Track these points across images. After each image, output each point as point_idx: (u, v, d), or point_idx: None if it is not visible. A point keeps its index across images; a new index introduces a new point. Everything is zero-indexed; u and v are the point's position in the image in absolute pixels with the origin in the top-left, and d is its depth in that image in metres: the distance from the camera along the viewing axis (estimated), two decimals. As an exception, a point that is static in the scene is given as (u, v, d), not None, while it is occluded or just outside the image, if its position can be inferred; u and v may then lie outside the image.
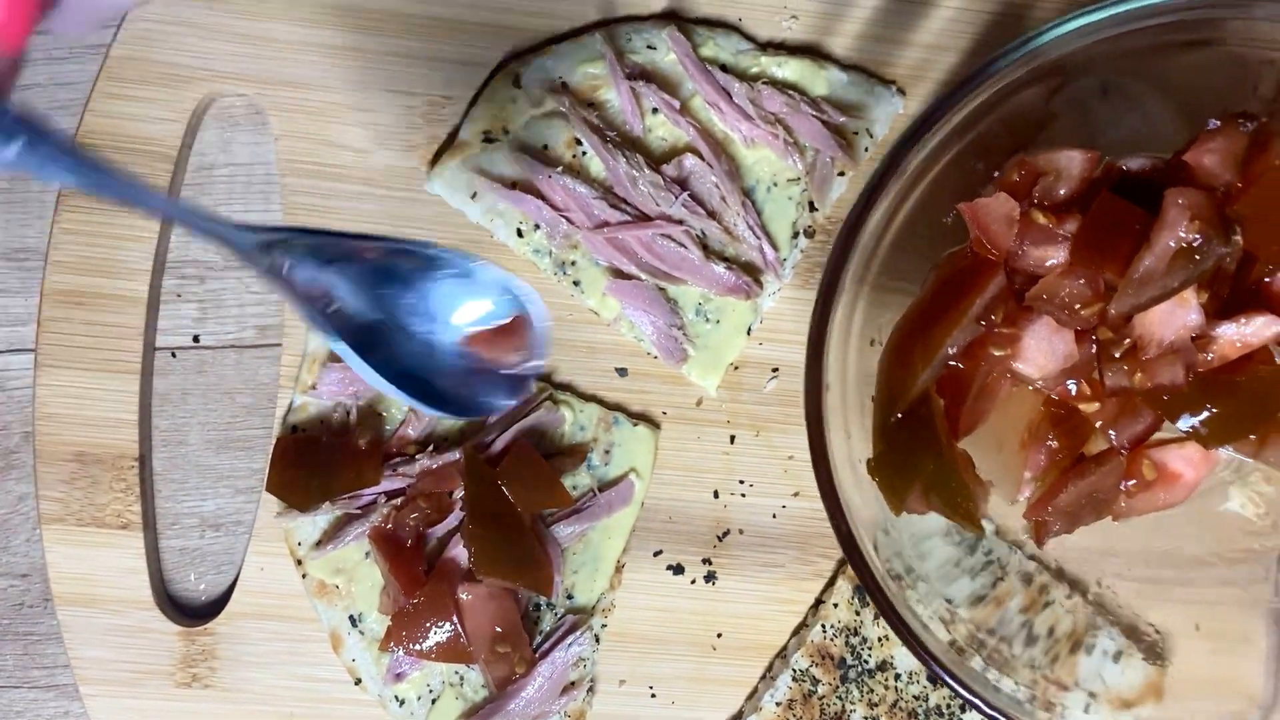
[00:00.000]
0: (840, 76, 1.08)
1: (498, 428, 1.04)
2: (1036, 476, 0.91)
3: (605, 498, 1.05)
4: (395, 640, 0.99)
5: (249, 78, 1.07)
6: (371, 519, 1.02)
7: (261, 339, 1.10)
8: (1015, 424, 0.91)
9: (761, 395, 1.09)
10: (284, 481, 1.02)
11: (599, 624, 1.06)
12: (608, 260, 1.06)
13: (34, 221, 1.10)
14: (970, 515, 0.87)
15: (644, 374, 1.09)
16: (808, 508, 1.09)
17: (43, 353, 1.06)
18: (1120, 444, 0.90)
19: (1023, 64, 0.83)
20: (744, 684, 1.09)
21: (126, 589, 1.06)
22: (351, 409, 1.04)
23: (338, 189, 1.07)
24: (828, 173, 1.07)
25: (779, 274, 1.07)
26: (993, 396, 0.88)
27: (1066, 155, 0.87)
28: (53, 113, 1.10)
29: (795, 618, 1.09)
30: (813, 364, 0.83)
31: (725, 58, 1.07)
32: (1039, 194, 0.87)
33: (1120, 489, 0.92)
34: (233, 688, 1.07)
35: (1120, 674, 1.05)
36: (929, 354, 0.86)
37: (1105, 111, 0.94)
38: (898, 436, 0.88)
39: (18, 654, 1.11)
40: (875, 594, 0.86)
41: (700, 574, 1.09)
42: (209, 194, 1.09)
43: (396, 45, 1.07)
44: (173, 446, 1.10)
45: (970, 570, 0.99)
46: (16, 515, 1.11)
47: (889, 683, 1.06)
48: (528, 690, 1.02)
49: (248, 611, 1.07)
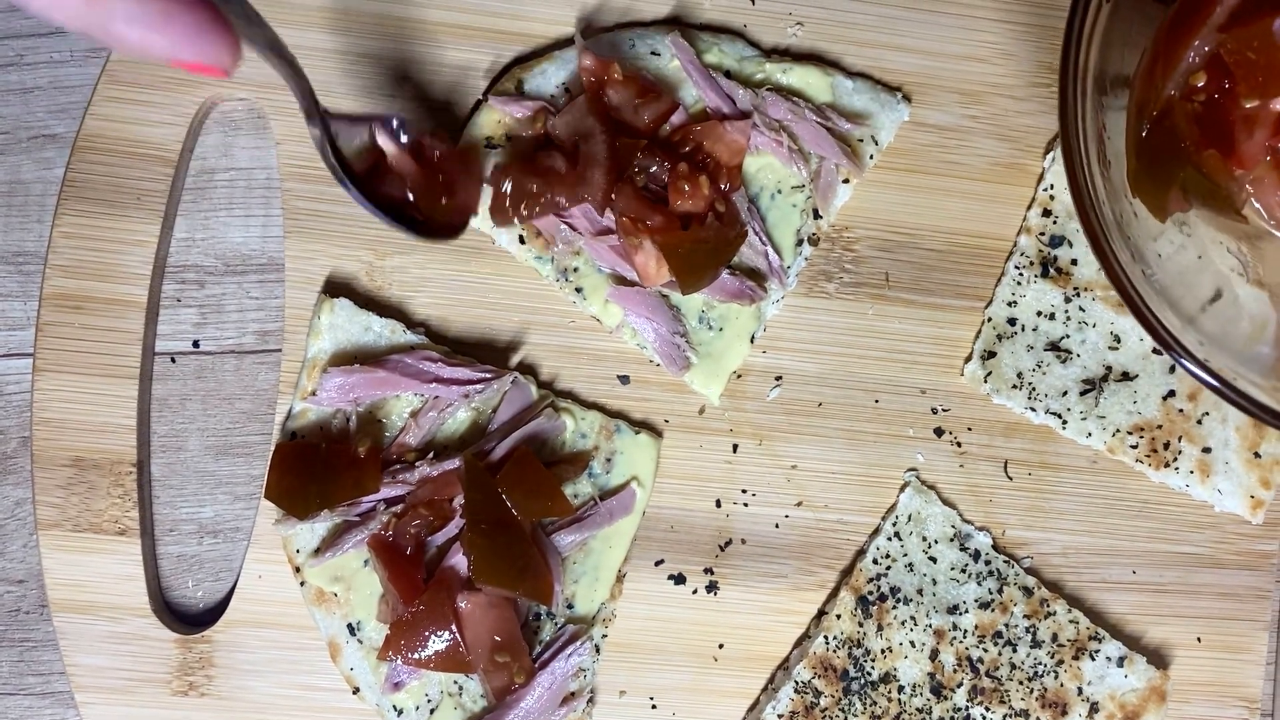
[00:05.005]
0: (845, 83, 1.07)
1: (498, 435, 1.03)
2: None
3: (606, 506, 1.05)
4: (394, 649, 0.99)
5: (251, 82, 1.06)
6: (371, 526, 1.01)
7: (261, 345, 1.09)
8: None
9: (764, 404, 1.09)
10: (283, 488, 1.01)
11: (599, 634, 1.06)
12: (610, 266, 1.05)
13: (33, 225, 1.10)
14: (1229, 201, 0.93)
15: (646, 382, 1.08)
16: (811, 517, 1.09)
17: (41, 357, 1.05)
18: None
19: None
20: (745, 696, 1.08)
21: (123, 596, 1.05)
22: (351, 416, 1.04)
23: (339, 194, 1.06)
24: (832, 180, 1.07)
25: (783, 281, 1.06)
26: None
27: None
28: (53, 116, 1.09)
29: (797, 629, 1.08)
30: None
31: (729, 64, 1.06)
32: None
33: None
34: (230, 696, 1.06)
35: (1124, 678, 1.05)
36: (1172, 64, 0.91)
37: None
38: (1150, 149, 0.92)
39: (13, 661, 1.10)
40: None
41: (702, 584, 1.08)
42: (209, 198, 1.09)
43: (399, 50, 1.07)
44: (171, 452, 1.09)
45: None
46: (13, 520, 1.10)
47: (892, 695, 1.05)
48: (527, 700, 1.01)
49: (245, 619, 1.06)
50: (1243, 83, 0.90)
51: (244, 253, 1.09)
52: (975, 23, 1.09)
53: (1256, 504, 1.08)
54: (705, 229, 1.00)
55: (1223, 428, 1.07)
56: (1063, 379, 1.08)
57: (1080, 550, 1.10)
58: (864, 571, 1.06)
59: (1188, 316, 0.91)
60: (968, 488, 1.10)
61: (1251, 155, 0.93)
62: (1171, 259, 0.95)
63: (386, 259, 1.07)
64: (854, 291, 1.09)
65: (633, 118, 1.02)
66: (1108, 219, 0.87)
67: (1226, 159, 0.93)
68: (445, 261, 1.08)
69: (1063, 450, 1.10)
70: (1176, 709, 1.09)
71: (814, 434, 1.09)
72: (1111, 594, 1.10)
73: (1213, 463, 1.07)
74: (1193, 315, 0.91)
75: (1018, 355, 1.08)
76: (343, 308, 1.05)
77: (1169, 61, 0.93)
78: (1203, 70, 0.92)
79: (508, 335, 1.08)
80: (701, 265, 1.01)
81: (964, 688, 1.05)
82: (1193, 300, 0.93)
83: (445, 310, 1.08)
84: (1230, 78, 0.91)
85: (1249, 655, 1.10)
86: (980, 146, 1.10)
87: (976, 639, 1.05)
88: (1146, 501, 1.10)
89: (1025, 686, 1.05)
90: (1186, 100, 0.93)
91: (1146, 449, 1.07)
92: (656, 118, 1.03)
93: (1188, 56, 0.92)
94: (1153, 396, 1.08)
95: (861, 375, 1.09)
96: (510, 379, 1.05)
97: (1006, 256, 1.10)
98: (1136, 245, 0.91)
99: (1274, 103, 0.91)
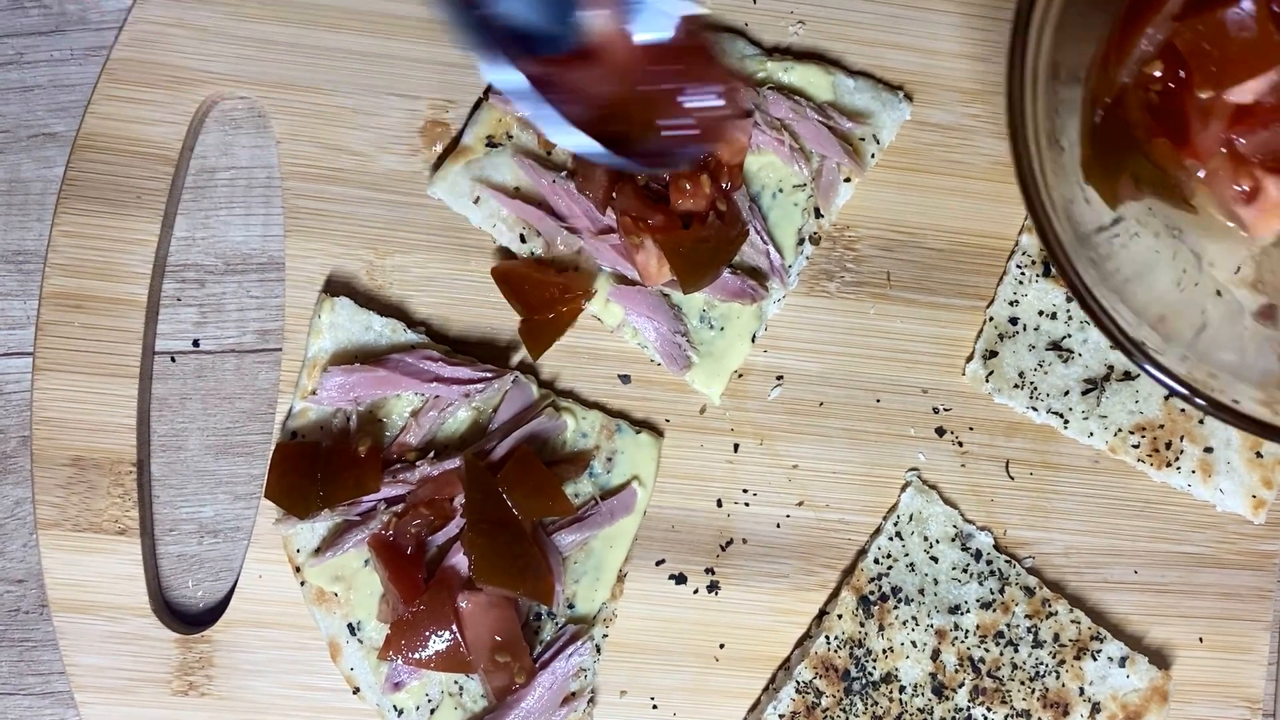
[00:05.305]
0: (847, 82, 1.07)
1: (499, 434, 1.03)
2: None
3: (607, 506, 1.04)
4: (394, 649, 0.98)
5: (251, 80, 1.06)
6: (371, 526, 1.01)
7: (262, 344, 1.09)
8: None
9: (765, 403, 1.09)
10: (283, 488, 1.01)
11: (600, 634, 1.05)
12: (611, 266, 1.05)
13: (33, 224, 1.09)
14: (1179, 191, 0.93)
15: (647, 381, 1.08)
16: (812, 517, 1.08)
17: (41, 356, 1.05)
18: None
19: None
20: (746, 696, 1.08)
21: (123, 595, 1.05)
22: (352, 415, 1.04)
23: (340, 193, 1.07)
24: (834, 179, 1.06)
25: (785, 280, 1.06)
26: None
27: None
28: (53, 114, 1.09)
29: (799, 629, 1.08)
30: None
31: (731, 63, 1.06)
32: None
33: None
34: (230, 696, 1.06)
35: (1126, 678, 1.05)
36: (1126, 52, 0.90)
37: None
38: (1103, 137, 0.92)
39: (13, 661, 1.10)
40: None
41: (703, 584, 1.08)
42: (210, 197, 1.09)
43: (400, 49, 1.07)
44: (171, 452, 1.09)
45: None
46: (13, 520, 1.10)
47: (893, 695, 1.05)
48: (527, 701, 1.01)
49: (246, 619, 1.06)
50: (1197, 73, 0.89)
51: (244, 251, 1.09)
52: (977, 21, 1.09)
53: (1258, 504, 1.08)
54: (706, 228, 1.00)
55: (1224, 428, 1.07)
56: (1064, 378, 1.08)
57: (1082, 550, 1.10)
58: (865, 571, 1.06)
59: (1138, 309, 0.89)
60: (969, 487, 1.09)
61: (1206, 147, 0.92)
62: (1126, 249, 0.94)
63: (387, 258, 1.07)
64: (855, 291, 1.09)
65: None
66: (1056, 203, 0.86)
67: (1179, 149, 0.92)
68: (446, 260, 1.07)
69: (1064, 450, 1.10)
70: (1178, 709, 1.08)
71: (815, 433, 1.09)
72: (1113, 594, 1.10)
73: (1214, 462, 1.07)
74: (1141, 306, 0.90)
75: (1019, 355, 1.08)
76: (343, 307, 1.05)
77: (1123, 49, 0.92)
78: (1158, 59, 0.91)
79: (508, 335, 1.08)
80: (703, 264, 1.00)
81: (965, 688, 1.05)
82: (1145, 294, 0.92)
83: (446, 309, 1.08)
84: (1185, 68, 0.90)
85: (1251, 655, 1.10)
86: (982, 145, 1.09)
87: (978, 639, 1.05)
88: (1148, 501, 1.10)
89: (1027, 687, 1.05)
90: (1141, 89, 0.92)
91: (1148, 449, 1.07)
92: None
93: (1142, 45, 0.91)
94: (1154, 396, 1.07)
95: (863, 375, 1.09)
96: (511, 378, 1.04)
97: (1008, 256, 1.09)
98: (1084, 232, 0.89)
99: (1228, 94, 0.90)
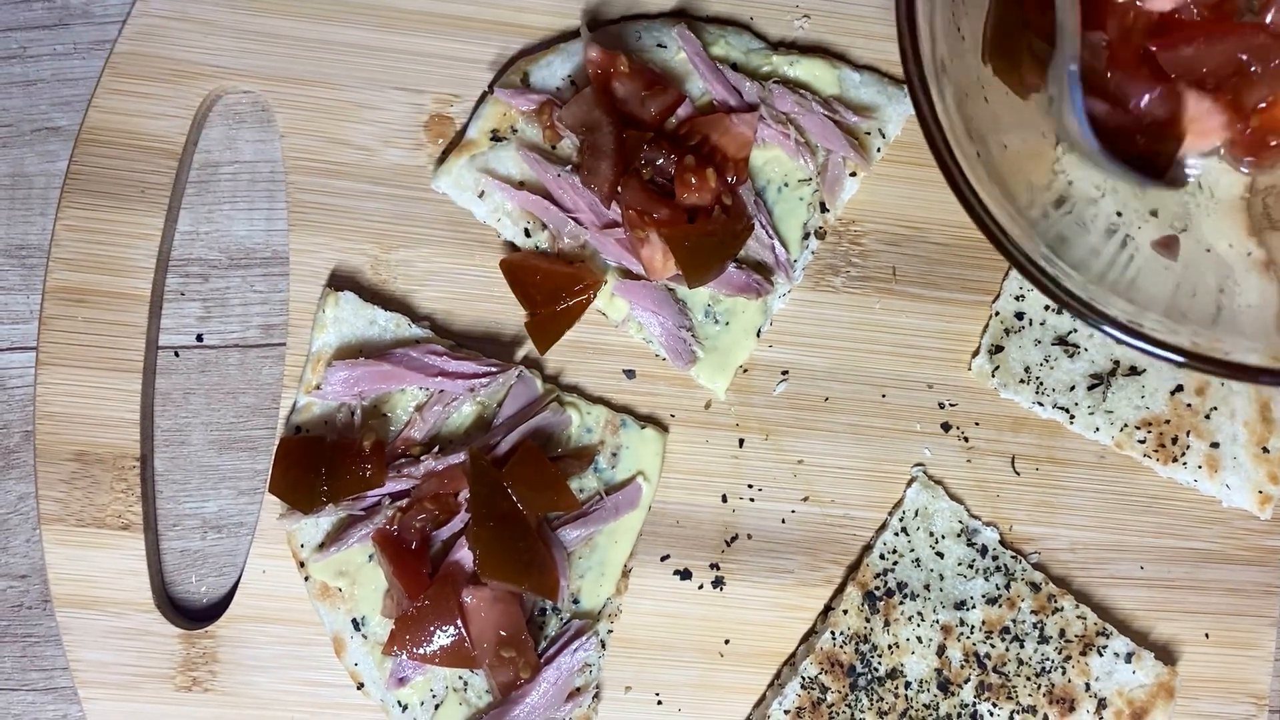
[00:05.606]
0: (853, 76, 1.07)
1: (503, 429, 1.03)
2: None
3: (612, 501, 1.04)
4: (399, 644, 0.98)
5: (255, 74, 1.06)
6: (375, 521, 1.01)
7: (265, 338, 1.09)
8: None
9: (771, 398, 1.08)
10: (287, 483, 1.01)
11: (605, 629, 1.05)
12: (616, 260, 1.05)
13: (36, 219, 1.09)
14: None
15: (652, 376, 1.08)
16: (817, 512, 1.08)
17: (44, 351, 1.05)
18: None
19: None
20: (752, 691, 1.08)
21: (127, 591, 1.05)
22: (356, 410, 1.03)
23: (344, 187, 1.06)
24: (839, 173, 1.06)
25: (790, 275, 1.06)
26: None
27: None
28: (57, 109, 1.09)
29: (804, 624, 1.08)
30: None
31: (736, 56, 1.06)
32: None
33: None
34: (233, 692, 1.05)
35: (1132, 674, 1.05)
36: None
37: None
38: (1002, 20, 0.92)
39: (16, 656, 1.10)
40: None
41: (708, 579, 1.08)
42: (213, 191, 1.08)
43: (404, 42, 1.07)
44: (175, 447, 1.08)
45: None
46: (16, 515, 1.10)
47: (899, 691, 1.04)
48: (532, 696, 1.01)
49: (249, 614, 1.06)
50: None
51: (248, 246, 1.09)
52: (983, 16, 1.09)
53: (1264, 499, 1.07)
54: (712, 222, 1.00)
55: (1231, 423, 1.07)
56: (1070, 373, 1.07)
57: (1088, 545, 1.09)
58: (871, 567, 1.06)
59: (1021, 207, 0.89)
60: (975, 483, 1.09)
61: (1124, 58, 0.92)
62: (1016, 150, 0.94)
63: (391, 252, 1.07)
64: (861, 286, 1.09)
65: (639, 110, 1.02)
66: (952, 103, 0.86)
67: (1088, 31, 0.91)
68: (450, 255, 1.07)
69: (1070, 445, 1.09)
70: (1184, 705, 1.08)
71: (820, 429, 1.08)
72: (1119, 589, 1.09)
73: (1221, 457, 1.07)
74: (1024, 205, 0.90)
75: (1025, 350, 1.07)
76: (347, 301, 1.04)
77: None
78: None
79: (513, 329, 1.07)
80: (708, 259, 1.00)
81: (971, 683, 1.04)
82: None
83: (450, 304, 1.07)
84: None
85: (1257, 651, 1.10)
86: (988, 140, 1.09)
87: (984, 634, 1.05)
88: (1154, 497, 1.10)
89: (1033, 682, 1.05)
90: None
91: (1154, 444, 1.07)
92: (663, 110, 1.02)
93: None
94: (1160, 391, 1.07)
95: (868, 370, 1.09)
96: (515, 373, 1.04)
97: (1014, 250, 1.09)
98: (979, 130, 0.89)
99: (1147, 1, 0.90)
